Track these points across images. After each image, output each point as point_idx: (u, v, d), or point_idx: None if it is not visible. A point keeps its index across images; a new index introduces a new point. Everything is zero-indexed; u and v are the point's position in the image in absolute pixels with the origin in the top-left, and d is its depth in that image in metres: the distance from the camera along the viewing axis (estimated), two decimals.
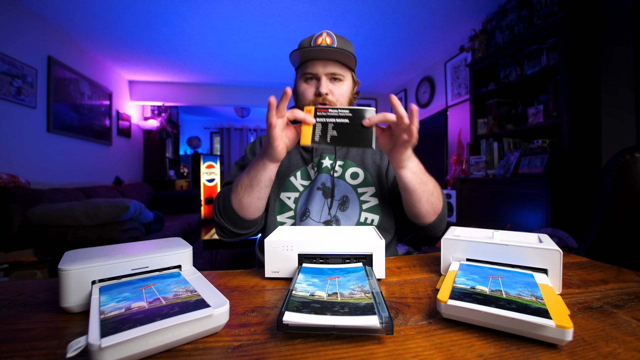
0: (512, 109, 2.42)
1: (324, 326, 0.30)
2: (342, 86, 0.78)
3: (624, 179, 0.78)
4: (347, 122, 0.57)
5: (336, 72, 0.76)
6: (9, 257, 1.79)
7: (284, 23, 2.84)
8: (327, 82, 0.76)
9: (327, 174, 0.80)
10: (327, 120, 0.58)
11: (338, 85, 0.77)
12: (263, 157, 0.63)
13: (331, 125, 0.58)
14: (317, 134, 0.58)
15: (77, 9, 2.57)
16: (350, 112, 0.57)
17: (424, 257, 0.61)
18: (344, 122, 0.57)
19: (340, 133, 0.57)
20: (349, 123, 0.57)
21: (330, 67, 0.75)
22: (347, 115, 0.57)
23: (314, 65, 0.76)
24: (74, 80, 3.12)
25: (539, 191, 1.87)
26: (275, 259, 0.48)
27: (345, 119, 0.57)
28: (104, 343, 0.24)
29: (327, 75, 0.76)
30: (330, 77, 0.76)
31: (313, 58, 0.75)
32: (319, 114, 0.58)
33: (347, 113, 0.57)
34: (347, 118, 0.57)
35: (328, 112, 0.58)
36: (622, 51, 1.80)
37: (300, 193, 0.80)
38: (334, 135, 0.57)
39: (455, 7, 2.58)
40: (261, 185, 0.66)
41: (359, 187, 0.80)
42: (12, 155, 2.40)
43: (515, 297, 0.34)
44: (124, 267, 0.39)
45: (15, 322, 0.35)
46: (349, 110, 0.57)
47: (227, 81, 4.53)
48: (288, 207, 0.79)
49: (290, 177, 0.81)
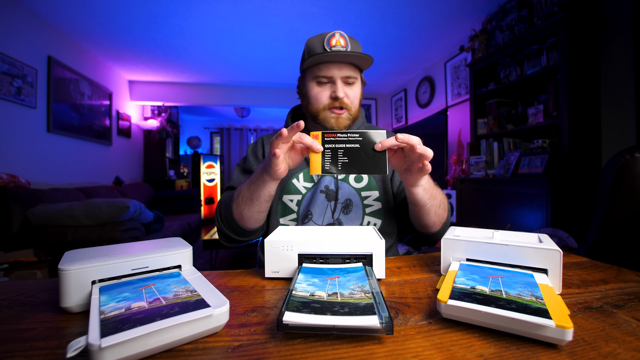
0: (512, 109, 2.42)
1: (324, 326, 0.30)
2: (354, 88, 0.77)
3: (624, 179, 0.78)
4: (357, 147, 0.54)
5: (350, 75, 0.75)
6: (9, 257, 1.79)
7: (284, 23, 2.84)
8: (343, 86, 0.74)
9: (330, 176, 0.79)
10: (336, 146, 0.55)
11: (351, 88, 0.76)
12: (263, 174, 0.61)
13: (341, 152, 0.55)
14: (326, 161, 0.55)
15: (77, 9, 2.57)
16: (360, 136, 0.54)
17: (424, 257, 0.61)
18: (354, 147, 0.54)
19: (350, 159, 0.55)
20: (359, 148, 0.54)
21: (346, 70, 0.74)
22: (356, 140, 0.54)
23: (329, 68, 0.73)
24: (74, 80, 3.12)
25: (539, 191, 1.87)
26: (275, 259, 0.48)
27: (355, 143, 0.54)
28: (104, 343, 0.24)
29: (342, 78, 0.74)
30: (344, 81, 0.75)
31: (329, 61, 0.74)
32: (327, 139, 0.55)
33: (356, 137, 0.54)
34: (357, 142, 0.54)
35: (336, 137, 0.55)
36: (622, 51, 1.80)
37: (303, 195, 0.79)
38: (344, 162, 0.55)
39: (455, 7, 2.58)
40: (261, 200, 0.65)
41: (362, 191, 0.79)
42: (12, 155, 2.40)
43: (515, 297, 0.34)
44: (124, 267, 0.39)
45: (15, 322, 0.35)
46: (359, 134, 0.54)
47: (227, 81, 4.53)
48: (290, 210, 0.79)
49: (293, 180, 0.80)
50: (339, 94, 0.73)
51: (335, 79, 0.74)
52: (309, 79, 0.77)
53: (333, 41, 0.72)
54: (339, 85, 0.74)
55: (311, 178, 0.80)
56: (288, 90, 4.81)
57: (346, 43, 0.73)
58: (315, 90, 0.76)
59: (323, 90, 0.75)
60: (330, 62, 0.73)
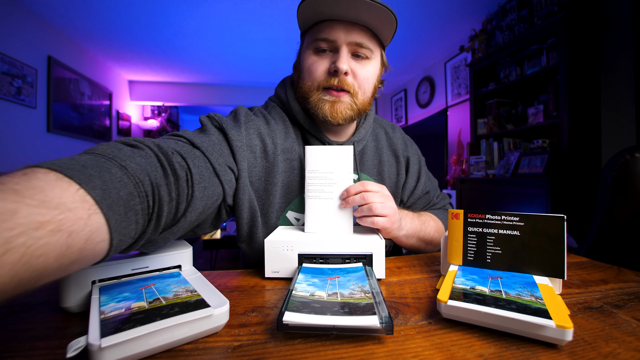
0: (512, 109, 2.42)
1: (324, 326, 0.30)
2: (368, 66, 0.56)
3: (624, 179, 0.78)
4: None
5: (364, 42, 0.53)
6: None
7: (284, 23, 2.84)
8: (349, 57, 0.54)
9: None
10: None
11: (362, 64, 0.55)
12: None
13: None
14: None
15: (77, 9, 2.57)
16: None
17: (424, 257, 0.61)
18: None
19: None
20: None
21: (356, 35, 0.53)
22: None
23: (333, 29, 0.53)
24: (74, 80, 3.12)
25: (539, 191, 1.87)
26: (275, 259, 0.48)
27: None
28: (104, 343, 0.24)
29: (350, 45, 0.54)
30: (353, 50, 0.54)
31: (332, 17, 0.52)
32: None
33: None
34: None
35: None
36: (622, 51, 1.80)
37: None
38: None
39: (455, 7, 2.58)
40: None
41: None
42: (12, 155, 2.40)
43: (515, 297, 0.34)
44: (124, 267, 0.39)
45: (15, 322, 0.35)
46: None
47: (227, 81, 4.53)
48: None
49: (287, 213, 0.62)
50: (339, 64, 0.52)
51: (340, 45, 0.53)
52: (305, 45, 0.58)
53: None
54: (343, 53, 0.53)
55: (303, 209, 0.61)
56: None
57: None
58: (311, 59, 0.56)
59: (321, 60, 0.55)
60: (336, 21, 0.52)
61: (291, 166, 0.60)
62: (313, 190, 0.55)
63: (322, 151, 0.55)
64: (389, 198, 0.53)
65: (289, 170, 0.60)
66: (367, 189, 0.52)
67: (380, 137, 0.72)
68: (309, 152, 0.55)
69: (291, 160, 0.60)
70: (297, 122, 0.63)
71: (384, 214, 0.51)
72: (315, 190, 0.55)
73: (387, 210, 0.52)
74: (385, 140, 0.72)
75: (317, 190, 0.55)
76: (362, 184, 0.52)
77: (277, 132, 0.59)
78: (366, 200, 0.51)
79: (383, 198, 0.52)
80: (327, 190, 0.54)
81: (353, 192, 0.52)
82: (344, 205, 0.53)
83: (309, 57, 0.56)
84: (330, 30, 0.53)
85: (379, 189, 0.53)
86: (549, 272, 0.40)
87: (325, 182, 0.54)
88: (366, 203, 0.51)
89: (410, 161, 0.73)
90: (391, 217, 0.52)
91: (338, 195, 0.54)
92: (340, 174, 0.54)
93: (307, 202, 0.55)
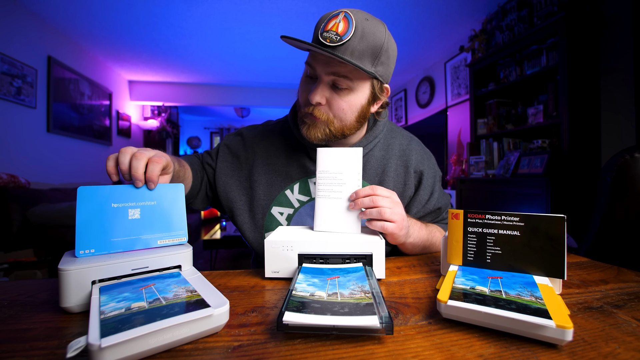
0: (512, 109, 2.42)
1: (324, 326, 0.30)
2: (346, 97, 0.57)
3: (624, 179, 0.78)
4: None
5: (340, 73, 0.55)
6: (9, 257, 1.79)
7: (284, 23, 2.84)
8: (325, 88, 0.57)
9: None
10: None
11: (340, 95, 0.57)
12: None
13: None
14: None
15: (77, 9, 2.57)
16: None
17: (423, 257, 0.61)
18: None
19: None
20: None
21: (335, 66, 0.54)
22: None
23: (315, 59, 0.56)
24: (74, 80, 3.12)
25: (539, 191, 1.87)
26: (275, 259, 0.48)
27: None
28: (104, 343, 0.24)
29: (329, 76, 0.56)
30: (332, 80, 0.56)
31: (312, 52, 0.57)
32: None
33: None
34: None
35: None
36: (621, 51, 1.80)
37: (295, 210, 0.69)
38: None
39: (455, 7, 2.58)
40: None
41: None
42: (12, 155, 2.40)
43: (514, 297, 0.34)
44: (124, 267, 0.39)
45: (15, 322, 0.35)
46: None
47: (227, 81, 4.53)
48: (278, 224, 0.69)
49: (286, 190, 0.69)
50: (310, 96, 0.56)
51: (319, 75, 0.56)
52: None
53: (330, 24, 0.53)
54: (319, 84, 0.56)
55: (307, 190, 0.69)
56: (288, 90, 4.81)
57: (346, 30, 0.52)
58: (302, 81, 0.61)
59: (306, 85, 0.59)
60: (316, 54, 0.56)
61: (274, 169, 0.70)
62: (323, 190, 0.56)
63: (333, 152, 0.56)
64: (398, 204, 0.54)
65: (272, 172, 0.70)
66: (377, 193, 0.52)
67: (392, 148, 0.72)
68: (320, 153, 0.57)
69: (274, 165, 0.71)
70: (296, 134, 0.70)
71: (393, 220, 0.52)
72: (325, 190, 0.56)
73: (396, 216, 0.52)
74: (397, 151, 0.72)
75: (327, 190, 0.55)
76: (371, 187, 0.53)
77: (264, 141, 0.73)
78: (375, 203, 0.51)
79: (392, 204, 0.52)
80: (336, 190, 0.55)
81: (362, 194, 0.52)
82: (352, 207, 0.53)
83: (302, 78, 0.62)
84: (313, 59, 0.57)
85: (388, 194, 0.53)
86: (549, 272, 0.40)
87: (335, 183, 0.55)
88: (375, 207, 0.51)
89: (424, 175, 0.72)
90: (399, 224, 0.53)
91: (347, 196, 0.54)
92: (349, 174, 0.55)
93: (317, 201, 0.56)
